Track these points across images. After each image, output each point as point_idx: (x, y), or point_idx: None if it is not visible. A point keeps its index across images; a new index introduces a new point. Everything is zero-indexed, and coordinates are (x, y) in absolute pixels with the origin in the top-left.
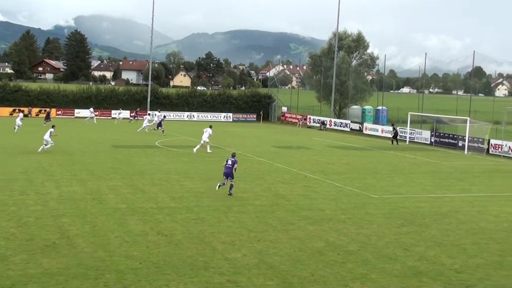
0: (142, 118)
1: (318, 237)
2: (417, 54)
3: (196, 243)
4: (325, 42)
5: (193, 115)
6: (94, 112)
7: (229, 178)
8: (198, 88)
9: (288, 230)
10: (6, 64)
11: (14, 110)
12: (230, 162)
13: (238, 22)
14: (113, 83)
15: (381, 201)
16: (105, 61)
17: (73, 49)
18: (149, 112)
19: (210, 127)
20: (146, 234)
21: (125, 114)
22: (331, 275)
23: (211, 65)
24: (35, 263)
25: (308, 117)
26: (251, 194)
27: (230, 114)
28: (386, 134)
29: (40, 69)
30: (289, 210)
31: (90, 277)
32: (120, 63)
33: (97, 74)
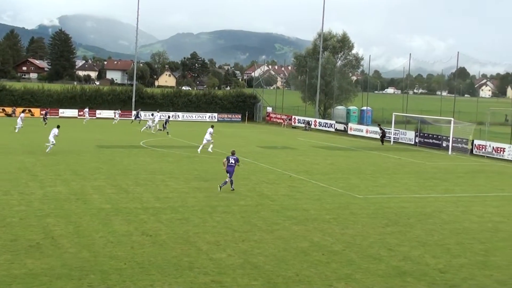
0: (145, 119)
1: (302, 237)
2: (401, 55)
3: (181, 243)
4: (310, 42)
5: (178, 115)
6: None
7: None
8: (183, 88)
9: (273, 230)
10: None
11: None
12: (232, 161)
13: (223, 22)
14: (97, 83)
15: (365, 201)
16: (89, 60)
17: (57, 48)
18: (152, 112)
19: (212, 127)
20: (130, 235)
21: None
22: (316, 275)
23: (196, 65)
24: (19, 264)
25: (293, 117)
26: (236, 194)
27: (215, 114)
28: (370, 135)
29: (24, 68)
30: (274, 210)
31: (75, 277)
32: (104, 63)
33: (81, 73)
